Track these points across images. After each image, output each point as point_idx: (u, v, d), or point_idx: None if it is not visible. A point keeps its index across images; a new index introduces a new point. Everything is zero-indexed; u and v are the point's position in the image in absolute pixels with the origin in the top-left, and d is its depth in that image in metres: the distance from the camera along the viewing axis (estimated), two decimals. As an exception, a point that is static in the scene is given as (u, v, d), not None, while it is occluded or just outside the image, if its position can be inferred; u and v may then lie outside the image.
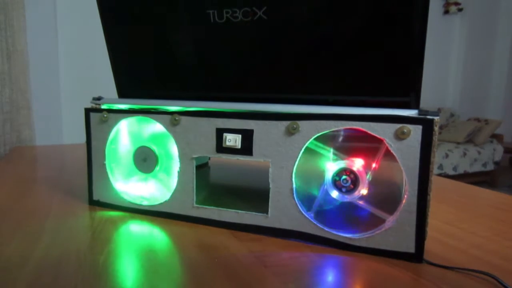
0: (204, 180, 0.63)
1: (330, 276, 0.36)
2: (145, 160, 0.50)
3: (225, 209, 0.46)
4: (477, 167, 3.34)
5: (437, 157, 3.09)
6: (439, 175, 3.08)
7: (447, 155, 3.15)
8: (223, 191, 0.56)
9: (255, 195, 0.43)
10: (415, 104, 0.39)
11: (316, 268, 0.37)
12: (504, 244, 0.43)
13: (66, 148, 1.09)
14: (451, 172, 3.16)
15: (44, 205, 0.55)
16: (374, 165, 0.41)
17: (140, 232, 0.45)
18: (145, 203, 0.50)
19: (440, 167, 3.09)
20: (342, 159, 0.42)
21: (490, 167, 3.41)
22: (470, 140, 3.44)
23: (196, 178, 0.47)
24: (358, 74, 0.42)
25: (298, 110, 0.42)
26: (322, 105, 0.42)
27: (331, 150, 0.43)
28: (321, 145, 0.43)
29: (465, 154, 3.25)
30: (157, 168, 0.50)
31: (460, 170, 3.22)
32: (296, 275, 0.35)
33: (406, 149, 0.37)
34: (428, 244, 0.41)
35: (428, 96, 3.91)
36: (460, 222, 0.50)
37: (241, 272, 0.36)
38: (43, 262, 0.37)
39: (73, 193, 0.60)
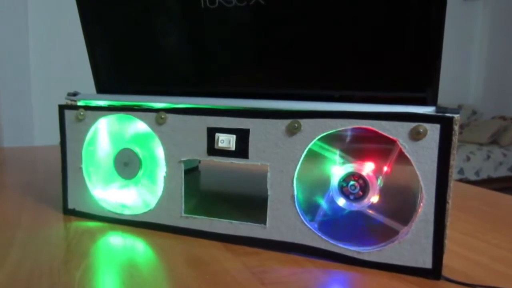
0: (194, 186, 0.63)
1: (336, 295, 0.36)
2: (126, 164, 0.50)
3: (217, 219, 0.46)
4: (503, 172, 3.34)
5: (457, 160, 3.10)
6: (460, 180, 3.09)
7: (468, 158, 3.16)
8: (215, 199, 0.56)
9: (252, 203, 0.43)
10: (432, 100, 0.39)
11: (320, 286, 0.37)
12: (532, 259, 0.43)
13: (37, 150, 1.08)
14: (473, 177, 3.17)
15: (13, 214, 0.55)
16: (386, 168, 0.41)
17: (121, 245, 0.45)
18: (126, 212, 0.50)
19: (461, 171, 3.10)
20: (350, 162, 0.42)
21: (518, 171, 3.42)
22: (494, 141, 3.45)
23: (185, 184, 0.47)
24: (368, 66, 0.42)
25: (300, 107, 0.42)
26: (327, 102, 0.42)
27: (338, 152, 0.43)
28: (326, 146, 0.43)
29: (489, 157, 3.26)
30: (140, 173, 0.50)
31: (483, 175, 3.23)
32: (298, 293, 0.35)
33: (422, 151, 0.37)
34: (446, 258, 0.41)
35: (447, 91, 3.91)
36: (482, 233, 0.50)
37: (236, 290, 0.36)
38: (12, 279, 0.37)
39: (45, 201, 0.60)
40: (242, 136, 0.43)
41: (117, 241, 0.46)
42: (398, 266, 0.39)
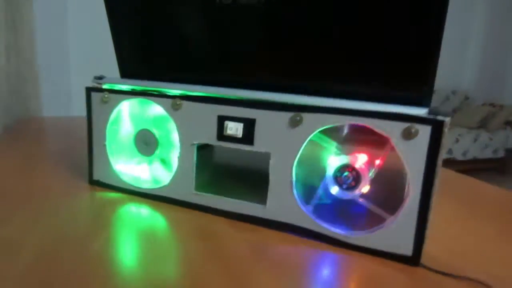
0: (207, 161, 0.61)
1: (321, 274, 0.35)
2: (146, 143, 0.49)
3: (224, 197, 0.45)
4: (488, 154, 3.28)
5: (447, 141, 3.04)
6: (448, 160, 3.04)
7: (457, 140, 3.10)
8: (226, 174, 0.55)
9: (259, 181, 0.42)
10: (426, 102, 0.37)
11: (309, 266, 0.36)
12: (508, 249, 0.42)
13: (74, 121, 1.09)
14: (460, 158, 3.12)
15: (46, 182, 0.55)
16: (378, 161, 0.40)
17: (138, 217, 0.45)
18: (144, 186, 0.50)
19: (450, 151, 3.05)
20: (346, 154, 0.41)
21: (501, 154, 3.36)
22: (482, 125, 3.37)
23: (198, 161, 0.46)
24: (368, 64, 0.40)
25: (302, 101, 0.40)
26: (328, 97, 0.40)
27: (335, 143, 0.41)
28: (325, 137, 0.41)
29: (476, 139, 3.19)
30: (158, 151, 0.49)
31: (470, 156, 3.17)
32: (288, 271, 0.35)
33: (412, 150, 0.36)
34: (428, 245, 0.39)
35: (443, 77, 3.78)
36: (465, 220, 0.49)
37: (235, 264, 0.35)
38: (41, 245, 0.37)
39: (76, 170, 0.60)
40: (249, 124, 0.42)
41: (135, 211, 0.46)
42: (382, 252, 0.38)
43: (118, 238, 0.39)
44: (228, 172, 0.53)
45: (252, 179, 0.52)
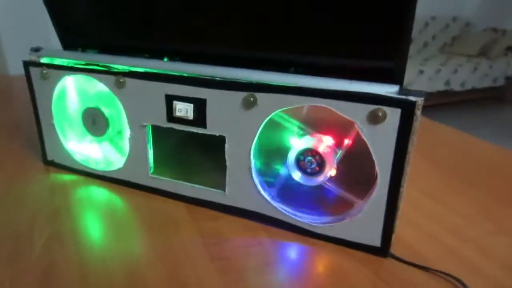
0: (167, 139, 0.55)
1: (279, 273, 0.32)
2: (94, 122, 0.44)
3: (181, 182, 0.41)
4: (487, 83, 3.19)
5: (445, 72, 2.94)
6: (445, 91, 2.97)
7: (456, 70, 2.99)
8: (187, 155, 0.50)
9: (222, 163, 0.38)
10: (397, 77, 0.32)
11: (267, 264, 0.33)
12: (486, 228, 0.39)
13: (15, 80, 0.98)
14: (458, 88, 3.03)
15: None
16: (346, 141, 0.35)
17: (94, 198, 0.42)
18: (100, 167, 0.46)
19: (447, 83, 2.96)
20: (310, 134, 0.36)
21: (501, 82, 3.26)
22: (483, 53, 3.23)
23: (154, 142, 0.41)
24: (330, 30, 0.34)
25: (256, 78, 0.34)
26: (287, 71, 0.34)
27: (297, 123, 0.36)
28: (285, 116, 0.36)
29: (476, 68, 3.08)
30: (109, 131, 0.44)
31: (468, 86, 3.08)
32: (242, 273, 0.32)
33: (380, 136, 0.31)
34: (400, 228, 0.36)
35: (442, 2, 3.55)
36: (443, 193, 0.45)
37: (185, 267, 0.32)
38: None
39: (31, 147, 0.55)
40: (200, 105, 0.37)
41: (90, 194, 0.43)
42: (349, 242, 0.35)
43: (75, 219, 0.36)
44: (190, 153, 0.48)
45: (215, 161, 0.46)
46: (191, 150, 0.47)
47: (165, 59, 0.41)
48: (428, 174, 0.50)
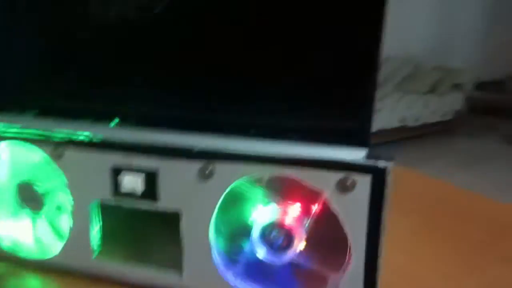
0: (116, 214, 0.46)
1: None
2: (28, 198, 0.39)
3: (130, 266, 0.36)
4: (438, 117, 3.35)
5: (399, 109, 3.06)
6: (401, 127, 3.08)
7: (410, 107, 3.13)
8: (139, 231, 0.42)
9: (179, 241, 0.33)
10: (364, 138, 0.29)
11: None
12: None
13: None
14: (412, 124, 3.16)
15: None
16: (315, 208, 0.32)
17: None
18: (33, 255, 0.39)
19: (402, 119, 3.08)
20: (275, 202, 0.33)
21: (450, 116, 3.44)
22: (432, 90, 3.42)
23: (101, 217, 0.36)
24: (294, 91, 0.31)
25: (213, 144, 0.31)
26: (246, 135, 0.31)
27: (260, 191, 0.33)
28: (247, 185, 0.33)
29: (427, 104, 3.24)
30: (45, 209, 0.39)
31: (421, 121, 3.23)
32: None
33: (351, 205, 0.28)
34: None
35: (391, 42, 3.75)
36: (421, 249, 0.42)
37: None
38: None
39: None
40: (150, 177, 0.33)
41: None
42: (325, 325, 0.31)
43: None
44: (142, 229, 0.42)
45: (171, 238, 0.39)
46: (144, 226, 0.41)
47: (112, 124, 0.37)
48: (401, 229, 0.47)
